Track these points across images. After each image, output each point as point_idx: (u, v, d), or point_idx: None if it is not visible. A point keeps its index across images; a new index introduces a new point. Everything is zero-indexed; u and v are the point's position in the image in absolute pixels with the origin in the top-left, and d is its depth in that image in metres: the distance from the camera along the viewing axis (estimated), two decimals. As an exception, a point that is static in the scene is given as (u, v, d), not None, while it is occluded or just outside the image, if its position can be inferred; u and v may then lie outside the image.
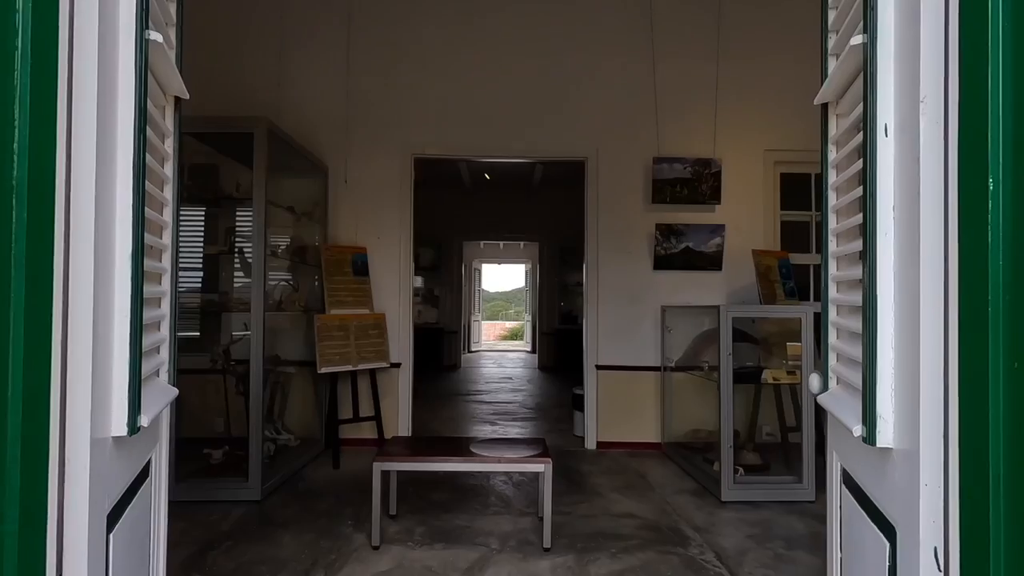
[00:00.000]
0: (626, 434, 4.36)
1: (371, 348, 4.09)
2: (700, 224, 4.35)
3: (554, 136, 4.48)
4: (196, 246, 4.56)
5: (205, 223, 4.53)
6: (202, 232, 4.58)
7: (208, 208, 4.10)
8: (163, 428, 1.30)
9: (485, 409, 6.01)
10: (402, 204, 4.41)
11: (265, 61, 4.37)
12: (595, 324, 4.41)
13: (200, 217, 4.54)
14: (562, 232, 9.41)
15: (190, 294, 4.56)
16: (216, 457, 3.31)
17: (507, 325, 23.84)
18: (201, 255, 4.58)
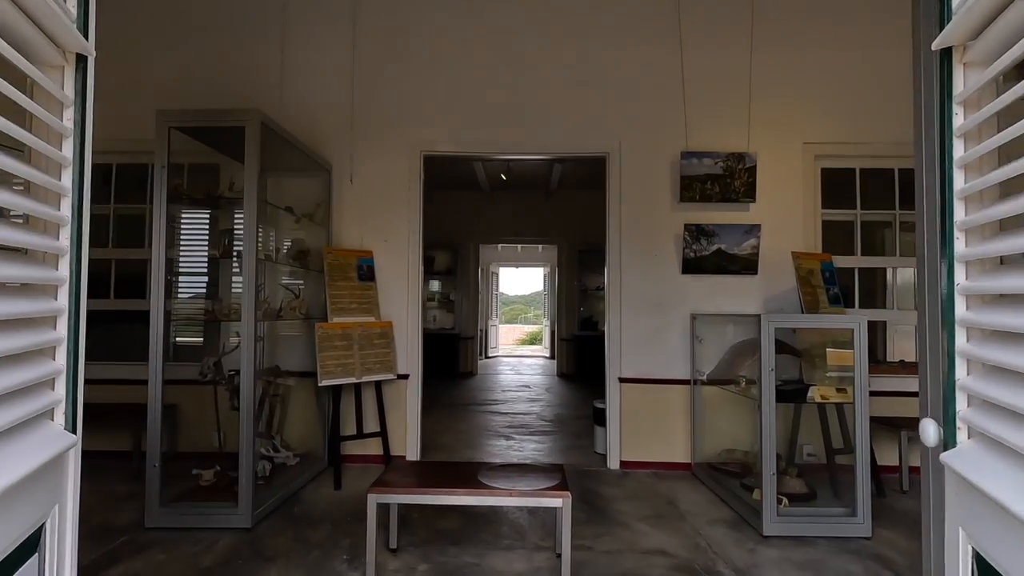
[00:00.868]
0: (652, 453, 4.01)
1: (376, 359, 3.82)
2: (733, 224, 3.99)
3: (573, 130, 4.16)
4: (200, 251, 4.36)
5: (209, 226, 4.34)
6: (207, 236, 4.38)
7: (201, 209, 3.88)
8: (66, 485, 1.02)
9: (500, 421, 5.70)
10: (411, 205, 4.14)
11: (267, 56, 4.14)
12: (618, 333, 4.07)
13: (205, 220, 4.34)
14: (581, 235, 9.09)
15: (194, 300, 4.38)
16: (206, 478, 3.06)
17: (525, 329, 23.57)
18: (206, 260, 4.38)
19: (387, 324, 3.96)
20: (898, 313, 4.41)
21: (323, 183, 4.06)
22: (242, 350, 2.83)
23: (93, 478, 3.66)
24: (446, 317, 9.68)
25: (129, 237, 4.36)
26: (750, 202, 4.00)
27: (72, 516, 1.03)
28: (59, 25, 0.89)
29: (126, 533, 2.79)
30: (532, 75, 4.17)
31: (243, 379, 2.83)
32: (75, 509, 1.04)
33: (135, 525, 2.87)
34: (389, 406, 4.04)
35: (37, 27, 0.86)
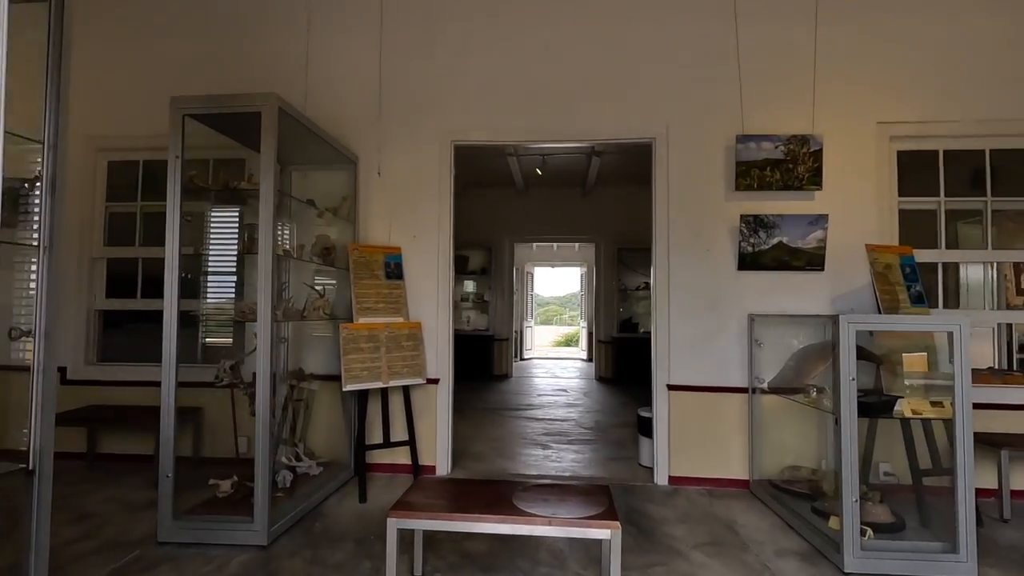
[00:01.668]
0: (704, 467, 3.63)
1: (404, 362, 3.58)
2: (796, 214, 3.58)
3: (615, 115, 3.82)
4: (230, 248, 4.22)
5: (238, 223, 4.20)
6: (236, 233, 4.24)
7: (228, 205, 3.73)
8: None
9: (536, 428, 5.40)
10: (441, 198, 3.88)
11: (291, 43, 3.97)
12: (666, 336, 3.70)
13: (234, 217, 4.20)
14: (621, 232, 8.71)
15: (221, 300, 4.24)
16: (223, 489, 2.87)
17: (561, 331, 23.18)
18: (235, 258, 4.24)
19: (416, 325, 3.72)
20: (973, 314, 3.86)
21: (349, 176, 3.85)
22: (258, 352, 2.61)
23: (115, 483, 3.55)
24: (480, 318, 9.44)
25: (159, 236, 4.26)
26: (815, 190, 3.58)
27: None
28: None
29: (138, 548, 2.61)
30: (570, 57, 3.85)
31: (259, 384, 2.61)
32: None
33: (148, 538, 2.70)
34: (418, 412, 3.79)
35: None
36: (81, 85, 4.13)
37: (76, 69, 4.18)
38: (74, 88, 4.17)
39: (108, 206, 4.20)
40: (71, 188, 4.10)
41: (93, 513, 3.04)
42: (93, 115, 4.10)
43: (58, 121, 1.65)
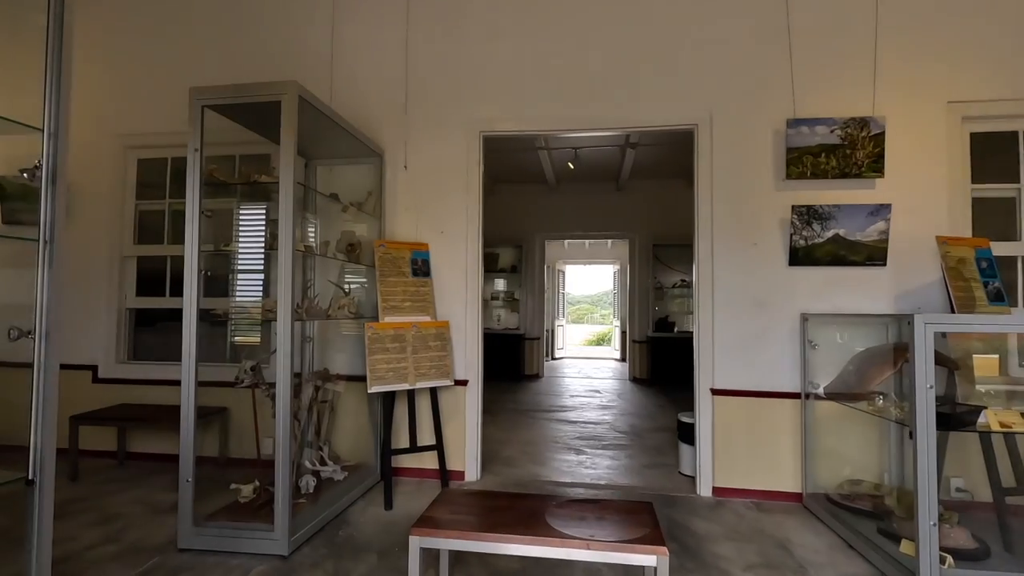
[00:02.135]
0: (752, 479, 3.37)
1: (432, 363, 3.43)
2: (855, 204, 3.27)
3: (653, 101, 3.58)
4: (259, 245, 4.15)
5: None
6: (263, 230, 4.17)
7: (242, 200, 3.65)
8: None
9: (569, 431, 5.19)
10: (469, 192, 3.72)
11: (317, 36, 3.87)
12: (709, 336, 3.45)
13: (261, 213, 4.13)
14: (656, 228, 8.41)
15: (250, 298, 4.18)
16: (245, 494, 2.77)
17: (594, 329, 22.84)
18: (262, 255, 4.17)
19: (443, 324, 3.56)
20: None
21: (375, 170, 3.72)
22: (278, 352, 2.49)
23: (143, 483, 3.51)
24: (511, 317, 9.27)
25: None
26: (876, 177, 3.27)
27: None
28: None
29: (158, 554, 2.53)
30: (604, 39, 3.63)
31: (279, 386, 2.49)
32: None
33: (169, 544, 2.62)
34: (446, 415, 3.64)
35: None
36: (108, 83, 4.13)
37: (103, 67, 4.19)
38: (102, 86, 4.18)
39: (138, 204, 4.18)
40: (101, 187, 4.10)
41: (118, 515, 2.99)
42: (122, 113, 4.09)
43: (59, 108, 1.55)
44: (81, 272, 4.08)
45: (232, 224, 4.05)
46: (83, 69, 4.17)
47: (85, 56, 4.16)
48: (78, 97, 4.16)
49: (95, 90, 4.15)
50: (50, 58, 1.55)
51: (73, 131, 4.18)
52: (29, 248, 1.64)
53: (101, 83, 4.15)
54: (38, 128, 1.52)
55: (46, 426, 1.50)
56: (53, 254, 1.54)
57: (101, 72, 4.16)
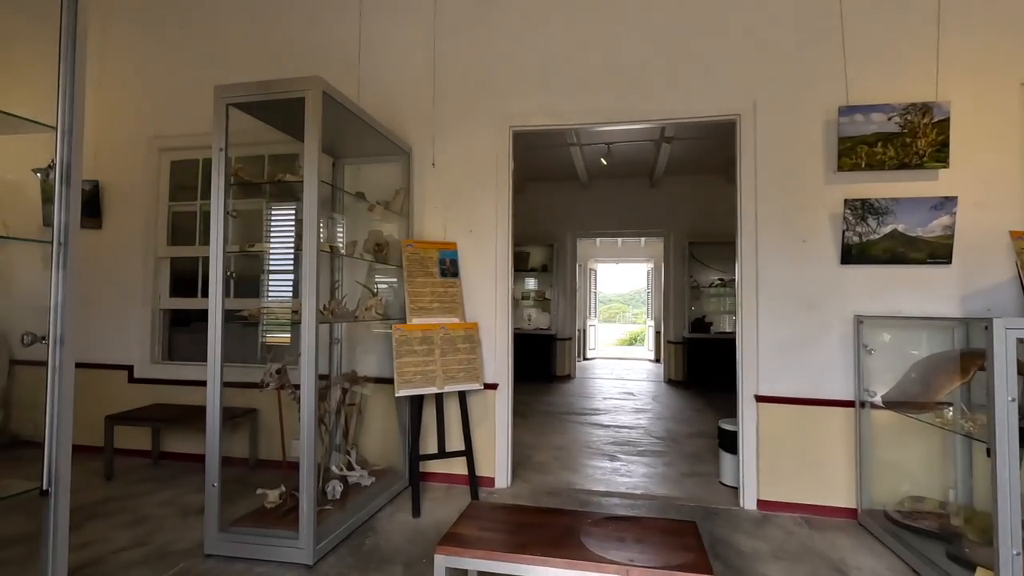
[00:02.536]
0: (801, 492, 3.15)
1: (460, 366, 3.32)
2: (915, 198, 3.02)
3: (692, 90, 3.39)
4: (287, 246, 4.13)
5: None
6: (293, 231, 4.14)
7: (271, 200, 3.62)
8: None
9: (603, 436, 5.02)
10: (499, 189, 3.60)
11: (343, 32, 3.81)
12: (753, 340, 3.25)
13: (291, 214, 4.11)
14: (692, 225, 8.14)
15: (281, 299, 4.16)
16: (271, 500, 2.72)
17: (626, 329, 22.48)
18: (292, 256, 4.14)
19: (472, 326, 3.46)
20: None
21: (402, 168, 3.64)
22: (302, 354, 2.43)
23: (175, 483, 3.52)
24: (542, 316, 9.12)
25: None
26: (940, 167, 3.00)
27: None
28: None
29: (185, 559, 2.50)
30: (640, 28, 3.46)
31: (304, 390, 2.43)
32: None
33: (196, 549, 2.58)
34: (475, 420, 3.53)
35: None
36: (141, 85, 4.18)
37: (136, 70, 4.22)
38: (135, 89, 4.22)
39: (171, 206, 4.22)
40: (135, 189, 4.15)
41: (148, 516, 2.99)
42: (155, 115, 4.13)
43: (73, 105, 1.48)
44: (116, 273, 4.14)
45: (261, 225, 4.04)
46: (117, 72, 4.22)
47: (119, 59, 4.22)
48: (112, 100, 4.23)
49: (128, 93, 4.20)
50: (64, 52, 1.49)
51: (107, 133, 4.27)
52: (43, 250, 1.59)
53: (134, 85, 4.19)
54: (51, 126, 1.46)
55: (61, 436, 1.45)
56: (68, 256, 1.48)
57: (134, 75, 4.20)
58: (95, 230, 4.21)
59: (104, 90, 4.24)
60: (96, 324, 4.16)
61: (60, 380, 1.46)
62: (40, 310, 4.09)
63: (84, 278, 4.20)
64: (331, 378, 3.49)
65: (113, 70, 4.24)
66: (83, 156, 1.53)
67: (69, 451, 1.49)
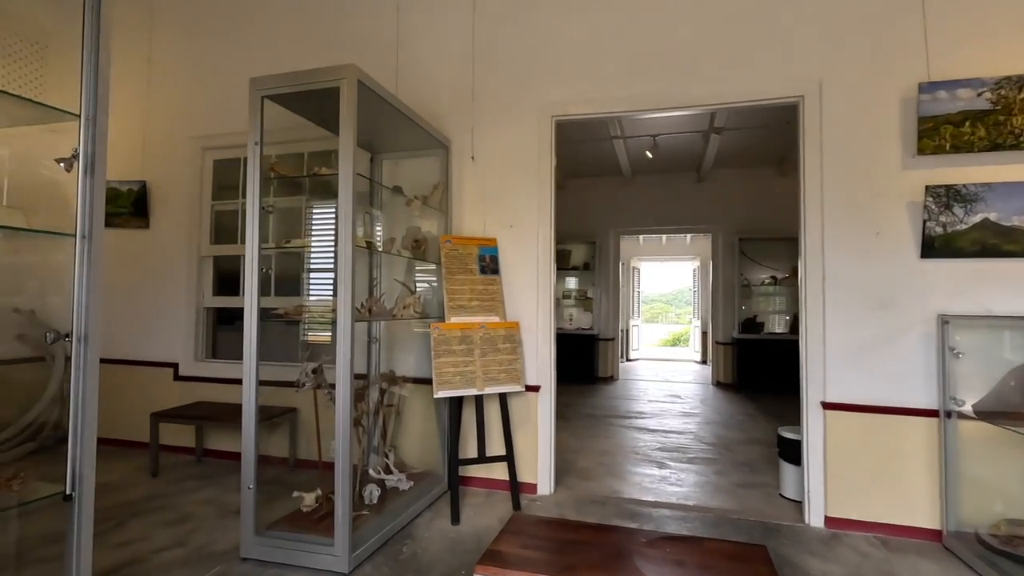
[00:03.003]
0: (875, 509, 2.86)
1: (501, 367, 3.18)
2: (1012, 182, 2.68)
3: (751, 71, 3.14)
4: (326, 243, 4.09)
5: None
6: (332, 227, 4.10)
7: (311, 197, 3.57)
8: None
9: (650, 441, 4.79)
10: (541, 183, 3.44)
11: (381, 25, 3.73)
12: (819, 341, 2.97)
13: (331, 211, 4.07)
14: (742, 220, 7.77)
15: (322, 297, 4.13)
16: (307, 503, 2.64)
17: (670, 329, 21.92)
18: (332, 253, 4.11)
19: (513, 325, 3.31)
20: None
21: (441, 162, 3.53)
22: (338, 356, 2.33)
23: (217, 481, 3.51)
24: (583, 316, 8.90)
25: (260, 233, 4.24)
26: (1040, 148, 2.66)
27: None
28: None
29: (221, 562, 2.44)
30: (692, 5, 3.23)
31: (339, 392, 2.33)
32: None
33: (232, 552, 2.53)
34: (516, 423, 3.38)
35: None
36: (184, 85, 4.22)
37: (179, 70, 4.26)
38: (178, 89, 4.25)
39: (214, 204, 4.24)
40: (179, 188, 4.19)
41: (189, 515, 2.97)
42: (198, 114, 4.16)
43: (97, 91, 1.41)
44: (163, 272, 4.20)
45: (302, 222, 4.01)
46: (164, 73, 4.28)
47: (165, 60, 4.28)
48: (159, 100, 4.29)
49: (174, 93, 4.25)
50: (87, 37, 1.42)
51: (154, 134, 4.33)
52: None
53: (179, 85, 4.24)
54: (74, 113, 1.40)
55: (85, 438, 1.38)
56: (92, 251, 1.41)
57: (179, 75, 4.25)
58: (143, 230, 4.28)
59: (152, 91, 4.30)
60: (143, 322, 4.23)
61: (84, 380, 1.38)
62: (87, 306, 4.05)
63: (132, 277, 4.28)
64: (369, 378, 3.41)
65: (160, 71, 4.30)
66: (107, 147, 1.46)
67: (93, 454, 1.42)
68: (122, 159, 4.34)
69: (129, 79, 4.36)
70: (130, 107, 4.34)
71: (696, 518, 3.05)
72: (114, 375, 4.26)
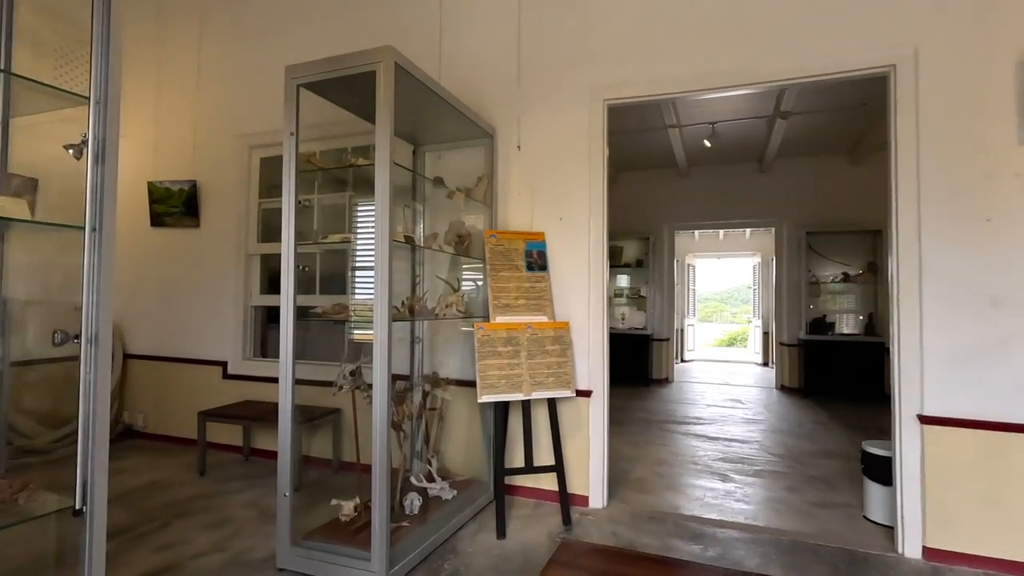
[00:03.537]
0: (986, 542, 2.46)
1: (550, 370, 2.96)
2: None
3: (830, 40, 2.78)
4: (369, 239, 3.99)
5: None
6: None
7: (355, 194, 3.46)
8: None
9: (710, 450, 4.45)
10: (592, 172, 3.20)
11: (423, 8, 3.58)
12: (915, 345, 2.59)
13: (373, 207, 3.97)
14: (810, 213, 7.23)
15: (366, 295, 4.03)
16: (346, 512, 2.51)
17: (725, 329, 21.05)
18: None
19: (563, 325, 3.08)
20: None
21: (485, 152, 3.35)
22: (374, 359, 2.18)
23: (261, 482, 3.46)
24: (636, 315, 8.54)
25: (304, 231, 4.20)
26: None
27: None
28: None
29: (256, 571, 2.35)
30: (763, -29, 2.90)
31: (376, 398, 2.18)
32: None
33: (269, 560, 2.43)
34: (566, 431, 3.16)
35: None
36: (230, 84, 4.22)
37: (225, 69, 4.23)
38: (225, 87, 4.25)
39: (261, 203, 4.23)
40: (227, 186, 4.20)
41: (231, 519, 2.91)
42: (243, 112, 4.15)
43: (108, 72, 1.30)
44: (212, 271, 4.22)
45: (345, 219, 3.93)
46: (212, 72, 4.30)
47: (213, 59, 4.30)
48: (207, 100, 4.31)
49: (221, 92, 4.26)
50: (97, 13, 1.31)
51: (203, 133, 4.35)
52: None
53: (226, 84, 4.25)
54: (84, 96, 1.28)
55: (96, 448, 1.26)
56: (102, 243, 1.29)
57: (226, 73, 4.26)
58: (194, 229, 4.32)
59: (201, 93, 4.34)
60: (194, 320, 4.26)
61: (95, 384, 1.27)
62: (142, 302, 4.03)
63: (183, 275, 4.33)
64: (411, 380, 3.27)
65: (209, 73, 4.32)
66: (119, 133, 1.34)
67: (105, 465, 1.30)
68: (174, 160, 4.40)
69: (181, 84, 4.41)
70: (182, 110, 4.39)
71: (768, 542, 2.74)
72: (165, 373, 4.32)
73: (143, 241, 4.47)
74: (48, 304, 1.79)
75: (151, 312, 4.43)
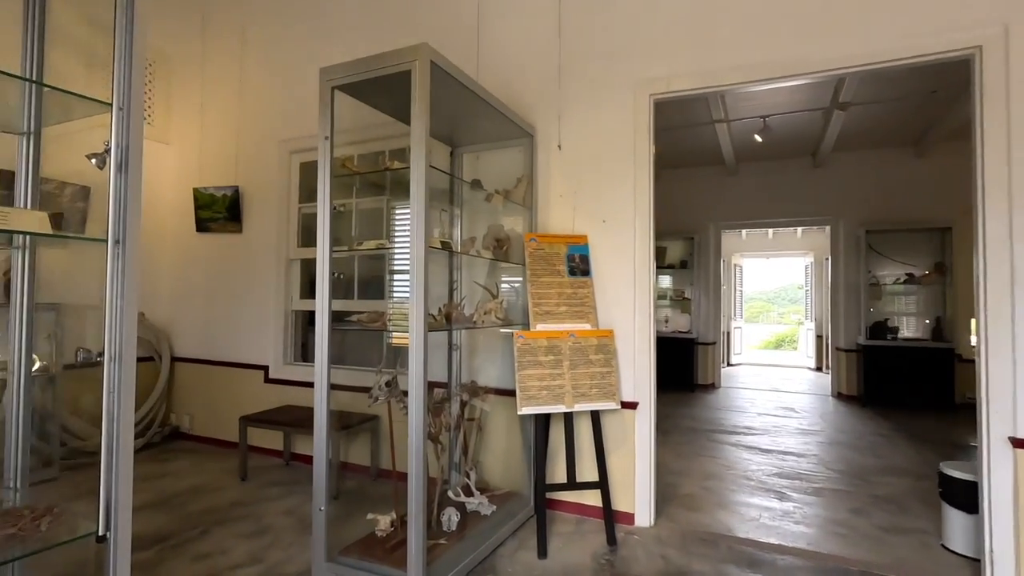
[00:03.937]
0: (1092, 582, 2.17)
1: (593, 380, 2.81)
2: None
3: (900, 21, 2.53)
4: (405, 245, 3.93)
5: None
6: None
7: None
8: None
9: (763, 464, 4.19)
10: (638, 170, 3.02)
11: (460, 5, 3.49)
12: (1008, 356, 2.32)
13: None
14: (869, 210, 6.81)
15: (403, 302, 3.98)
16: (382, 527, 2.43)
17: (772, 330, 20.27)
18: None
19: (607, 333, 2.92)
20: None
21: (525, 152, 3.22)
22: (409, 369, 2.09)
23: (301, 489, 3.44)
24: (680, 319, 8.24)
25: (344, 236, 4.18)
26: None
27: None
28: None
29: (292, 586, 2.29)
30: (826, -52, 2.67)
31: (412, 407, 2.09)
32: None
33: (305, 574, 2.37)
34: (611, 444, 3.00)
35: None
36: (271, 89, 4.23)
37: (267, 75, 4.24)
38: (265, 93, 4.26)
39: (301, 207, 4.23)
40: (268, 192, 4.22)
41: (269, 527, 2.88)
42: (284, 118, 4.17)
43: (131, 79, 1.24)
44: (254, 276, 4.25)
45: (383, 223, 3.88)
46: (254, 79, 4.34)
47: (256, 65, 4.33)
48: (250, 106, 4.34)
49: (263, 97, 4.29)
50: (119, 17, 1.25)
51: (246, 139, 4.38)
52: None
53: (267, 90, 4.27)
54: (107, 103, 1.23)
55: (120, 471, 1.20)
56: (126, 257, 1.23)
57: (264, 81, 4.29)
58: (236, 234, 4.37)
59: (243, 100, 4.38)
60: (236, 324, 4.31)
61: (119, 404, 1.21)
62: (181, 310, 4.00)
63: (227, 280, 4.38)
64: (449, 388, 3.18)
65: (250, 80, 4.36)
66: (142, 141, 1.28)
67: (130, 487, 1.24)
68: (218, 166, 4.46)
69: (224, 95, 4.47)
70: (225, 118, 4.45)
71: (835, 570, 2.50)
72: (209, 376, 4.39)
73: (189, 246, 4.55)
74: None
75: (197, 315, 4.51)
